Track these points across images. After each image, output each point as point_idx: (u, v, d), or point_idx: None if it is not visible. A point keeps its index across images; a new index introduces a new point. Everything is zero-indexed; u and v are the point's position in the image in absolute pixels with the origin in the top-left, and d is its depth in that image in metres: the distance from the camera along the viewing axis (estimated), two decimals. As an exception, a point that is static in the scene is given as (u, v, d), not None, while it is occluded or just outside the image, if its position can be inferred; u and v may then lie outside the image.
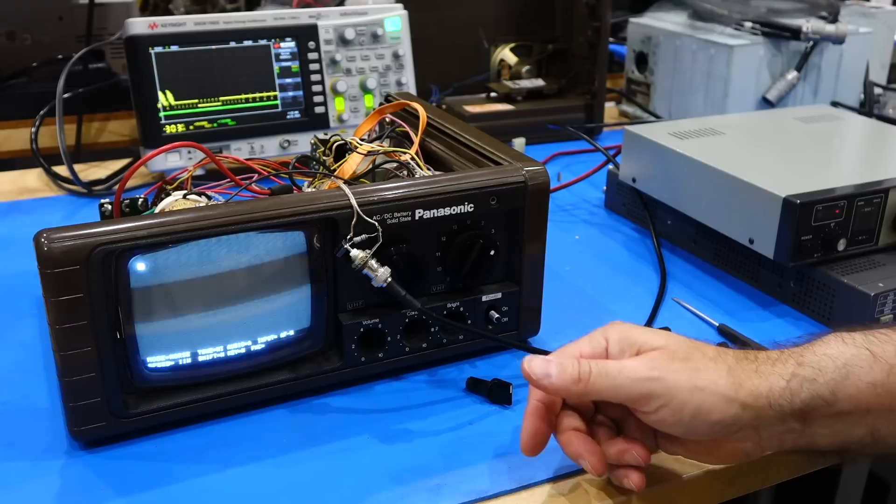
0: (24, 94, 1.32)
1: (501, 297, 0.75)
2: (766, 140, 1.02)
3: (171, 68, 1.07)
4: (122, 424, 0.64)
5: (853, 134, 1.08)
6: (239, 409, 0.68)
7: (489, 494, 0.61)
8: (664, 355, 0.56)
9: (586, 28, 1.36)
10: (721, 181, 0.89)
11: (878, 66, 1.47)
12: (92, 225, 0.59)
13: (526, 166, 0.72)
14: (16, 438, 0.65)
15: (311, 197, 0.66)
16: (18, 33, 1.34)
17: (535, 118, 1.34)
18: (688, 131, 1.02)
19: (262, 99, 1.12)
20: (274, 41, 1.12)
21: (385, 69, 1.19)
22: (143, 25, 1.05)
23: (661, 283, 0.90)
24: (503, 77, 1.44)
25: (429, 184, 0.69)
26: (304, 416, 0.69)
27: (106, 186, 1.13)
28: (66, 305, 0.59)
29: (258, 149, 1.13)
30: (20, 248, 0.89)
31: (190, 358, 0.66)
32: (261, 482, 0.61)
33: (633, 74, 1.48)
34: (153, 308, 0.63)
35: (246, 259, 0.65)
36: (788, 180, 0.84)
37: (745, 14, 1.33)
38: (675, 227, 0.99)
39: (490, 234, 0.72)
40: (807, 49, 1.30)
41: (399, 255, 0.68)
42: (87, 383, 0.61)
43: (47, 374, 0.73)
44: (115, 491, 0.60)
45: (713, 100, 1.31)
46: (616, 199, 1.09)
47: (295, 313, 0.69)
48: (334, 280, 0.69)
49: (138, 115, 1.08)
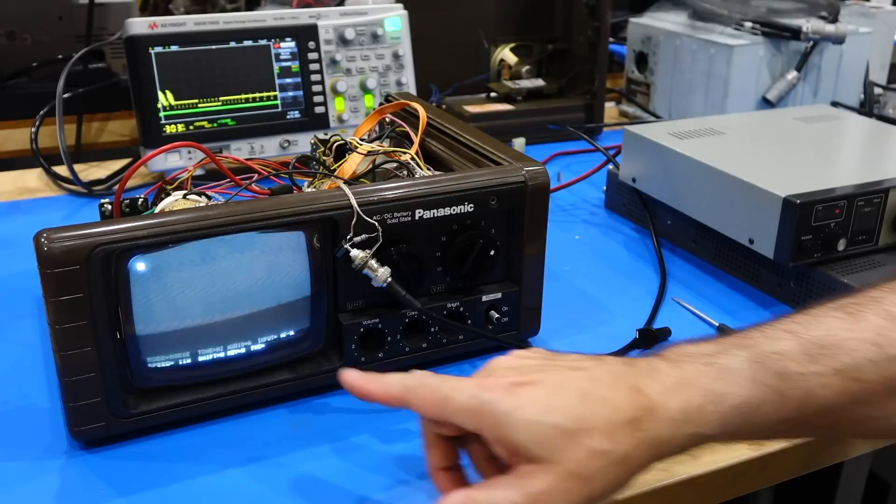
0: (24, 94, 1.31)
1: (501, 297, 0.75)
2: (766, 140, 1.02)
3: (171, 68, 1.07)
4: (122, 424, 0.64)
5: (853, 134, 1.08)
6: (239, 409, 0.68)
7: (489, 494, 0.60)
8: None
9: (586, 28, 1.36)
10: (721, 181, 0.89)
11: (878, 66, 1.47)
12: (92, 225, 0.59)
13: (526, 166, 0.72)
14: (16, 438, 0.65)
15: (311, 197, 0.66)
16: (18, 33, 1.34)
17: (535, 118, 1.34)
18: (688, 131, 1.02)
19: (262, 99, 1.12)
20: (274, 41, 1.12)
21: (385, 69, 1.19)
22: (143, 25, 1.05)
23: (661, 283, 0.90)
24: (503, 77, 1.44)
25: (429, 184, 0.69)
26: (304, 416, 0.69)
27: (106, 186, 1.13)
28: (66, 305, 0.59)
29: (258, 149, 1.13)
30: (20, 248, 0.89)
31: (190, 358, 0.66)
32: (261, 482, 0.61)
33: (633, 74, 1.48)
34: (153, 308, 0.63)
35: (246, 259, 0.65)
36: (788, 180, 0.84)
37: (745, 14, 1.33)
38: (675, 227, 0.99)
39: (490, 234, 0.72)
40: (807, 49, 1.30)
41: (399, 255, 0.68)
42: (87, 383, 0.61)
43: (47, 374, 0.73)
44: (115, 491, 0.60)
45: (713, 100, 1.31)
46: (616, 199, 1.09)
47: (295, 313, 0.69)
48: (334, 280, 0.69)
49: (138, 115, 1.08)
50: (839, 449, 0.71)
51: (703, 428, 0.50)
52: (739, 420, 0.51)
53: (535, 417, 0.49)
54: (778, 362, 0.51)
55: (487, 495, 0.50)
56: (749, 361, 0.52)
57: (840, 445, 0.57)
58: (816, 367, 0.51)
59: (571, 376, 0.52)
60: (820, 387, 0.51)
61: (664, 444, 0.50)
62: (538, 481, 0.49)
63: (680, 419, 0.50)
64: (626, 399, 0.50)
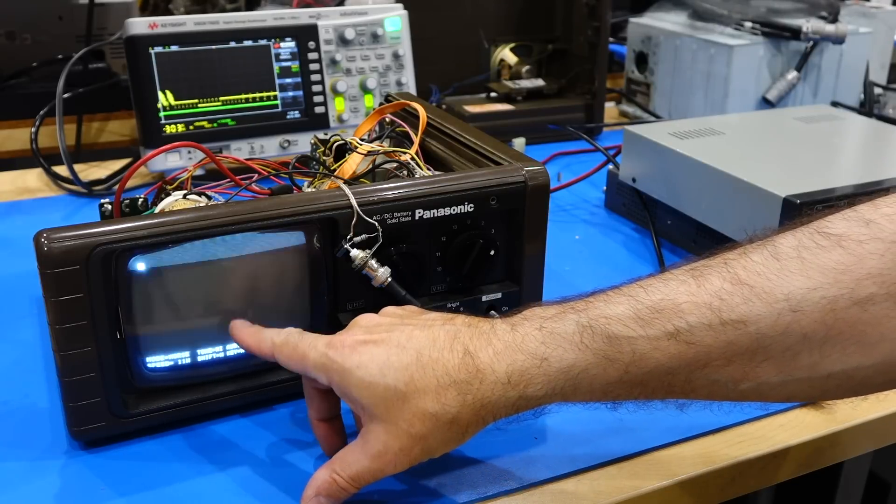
0: (24, 94, 1.31)
1: (501, 297, 0.75)
2: (766, 140, 1.02)
3: (171, 68, 1.07)
4: (122, 424, 0.64)
5: (853, 134, 1.08)
6: (239, 409, 0.68)
7: (489, 494, 0.61)
8: None
9: (586, 28, 1.36)
10: (721, 181, 0.89)
11: (878, 66, 1.47)
12: (92, 225, 0.59)
13: (526, 166, 0.72)
14: (16, 438, 0.65)
15: (311, 197, 0.66)
16: (18, 33, 1.34)
17: (535, 118, 1.34)
18: (688, 131, 1.02)
19: (262, 99, 1.12)
20: (274, 41, 1.12)
21: (385, 69, 1.19)
22: (143, 25, 1.05)
23: (661, 283, 0.90)
24: (503, 77, 1.44)
25: (429, 184, 0.69)
26: (304, 416, 0.68)
27: (106, 186, 1.13)
28: (66, 305, 0.59)
29: (258, 149, 1.13)
30: (20, 248, 0.89)
31: (190, 358, 0.66)
32: (261, 482, 0.61)
33: (633, 74, 1.48)
34: (153, 308, 0.63)
35: (246, 259, 0.65)
36: (788, 180, 0.84)
37: (745, 14, 1.33)
38: (675, 227, 0.99)
39: (490, 234, 0.72)
40: (807, 49, 1.30)
41: (399, 255, 0.68)
42: (87, 383, 0.61)
43: (47, 374, 0.73)
44: (115, 491, 0.60)
45: (713, 100, 1.31)
46: (616, 199, 1.09)
47: (295, 313, 0.69)
48: (334, 280, 0.69)
49: (138, 115, 1.08)
50: (839, 449, 0.71)
51: (529, 390, 0.53)
52: (567, 383, 0.52)
53: (370, 378, 0.54)
54: (606, 326, 0.52)
55: (343, 466, 0.56)
56: (578, 325, 0.53)
57: (683, 404, 0.57)
58: (648, 330, 0.51)
59: (414, 336, 0.55)
60: (651, 349, 0.51)
61: (491, 406, 0.53)
62: (377, 442, 0.54)
63: (504, 383, 0.53)
64: (457, 361, 0.53)
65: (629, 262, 0.96)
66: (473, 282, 0.74)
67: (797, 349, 0.49)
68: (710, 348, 0.50)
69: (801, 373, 0.50)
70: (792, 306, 0.49)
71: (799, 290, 0.49)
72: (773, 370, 0.50)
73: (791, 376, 0.50)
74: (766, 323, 0.49)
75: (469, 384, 0.53)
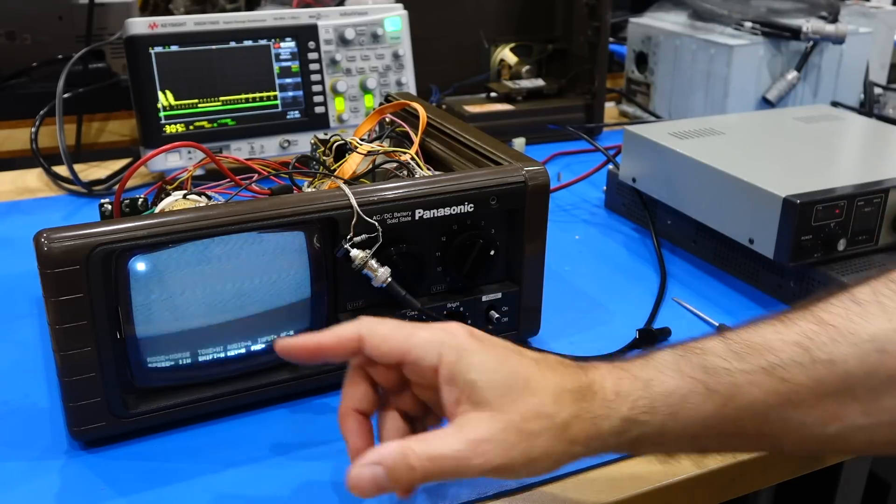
0: (24, 94, 1.31)
1: (501, 297, 0.75)
2: (766, 140, 1.02)
3: (171, 68, 1.07)
4: (122, 424, 0.64)
5: (853, 134, 1.08)
6: (239, 409, 0.68)
7: (489, 494, 0.61)
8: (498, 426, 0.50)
9: (586, 28, 1.36)
10: (721, 181, 0.89)
11: (878, 66, 1.47)
12: (92, 225, 0.59)
13: (526, 166, 0.72)
14: (16, 438, 0.65)
15: (311, 197, 0.66)
16: (18, 33, 1.34)
17: (535, 118, 1.34)
18: (688, 131, 1.02)
19: (262, 99, 1.12)
20: (274, 41, 1.12)
21: (385, 69, 1.19)
22: (143, 25, 1.05)
23: (661, 283, 0.90)
24: (503, 77, 1.44)
25: (429, 184, 0.69)
26: (304, 416, 0.69)
27: (106, 186, 1.13)
28: (66, 305, 0.59)
29: (258, 149, 1.13)
30: (20, 248, 0.89)
31: (190, 358, 0.66)
32: (260, 482, 0.61)
33: (633, 74, 1.48)
34: (153, 308, 0.63)
35: (246, 259, 0.65)
36: (788, 180, 0.84)
37: (745, 14, 1.33)
38: (675, 227, 0.99)
39: (490, 234, 0.72)
40: (807, 49, 1.30)
41: (399, 255, 0.68)
42: (87, 383, 0.61)
43: (47, 374, 0.73)
44: (115, 491, 0.60)
45: (713, 100, 1.31)
46: (616, 199, 1.09)
47: (295, 313, 0.69)
48: (334, 280, 0.69)
49: (138, 115, 1.08)
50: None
51: (634, 412, 0.51)
52: (667, 409, 0.51)
53: (493, 363, 0.51)
54: (702, 356, 0.52)
55: (426, 446, 0.50)
56: (673, 354, 0.53)
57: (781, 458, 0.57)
58: (742, 364, 0.51)
59: (524, 350, 0.54)
60: (747, 384, 0.51)
61: (600, 422, 0.51)
62: (481, 429, 0.50)
63: (613, 399, 0.51)
64: (572, 373, 0.53)
65: (629, 262, 0.96)
66: (473, 282, 0.74)
67: (882, 389, 0.50)
68: (802, 386, 0.50)
69: (886, 415, 0.51)
70: (877, 347, 0.49)
71: (883, 331, 0.50)
72: (858, 412, 0.51)
73: (876, 419, 0.51)
74: (853, 363, 0.50)
75: (582, 394, 0.51)
